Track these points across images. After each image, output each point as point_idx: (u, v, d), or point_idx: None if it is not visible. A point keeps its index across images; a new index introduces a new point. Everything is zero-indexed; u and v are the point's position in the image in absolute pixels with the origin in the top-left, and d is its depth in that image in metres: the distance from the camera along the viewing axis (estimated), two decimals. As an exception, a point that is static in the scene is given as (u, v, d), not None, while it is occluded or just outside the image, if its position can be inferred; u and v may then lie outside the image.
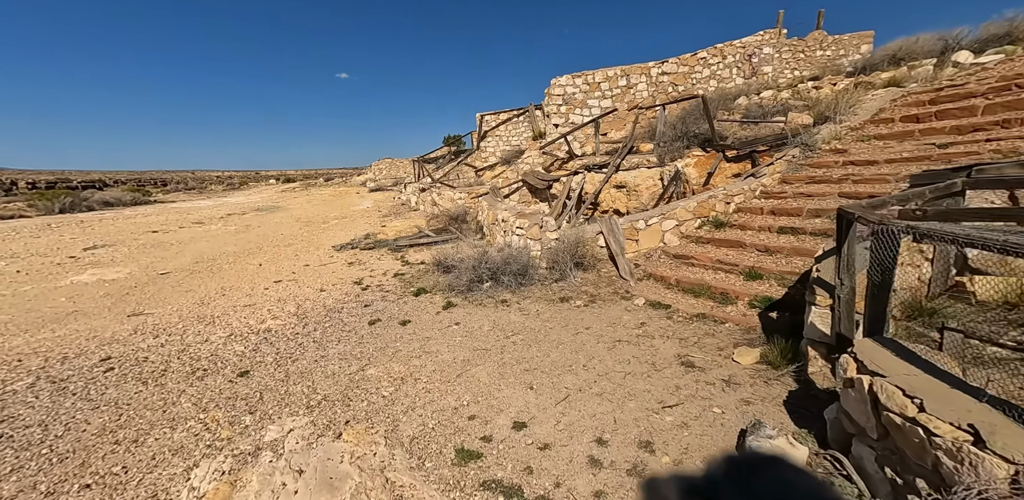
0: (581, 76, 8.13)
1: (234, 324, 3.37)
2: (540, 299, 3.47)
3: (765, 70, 7.82)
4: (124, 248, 6.90)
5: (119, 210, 14.02)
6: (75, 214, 12.84)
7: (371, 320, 3.27)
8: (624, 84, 8.13)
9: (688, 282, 3.20)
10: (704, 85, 8.07)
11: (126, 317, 3.70)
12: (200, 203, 16.21)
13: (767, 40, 7.51)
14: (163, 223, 9.83)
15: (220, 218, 10.74)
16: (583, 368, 2.36)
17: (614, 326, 2.87)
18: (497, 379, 2.30)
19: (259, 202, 15.18)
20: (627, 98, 8.31)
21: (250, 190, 24.49)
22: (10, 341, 3.16)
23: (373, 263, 5.56)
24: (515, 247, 4.03)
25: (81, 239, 7.76)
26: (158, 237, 7.98)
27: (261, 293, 4.34)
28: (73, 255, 6.34)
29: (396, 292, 4.03)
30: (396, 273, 4.81)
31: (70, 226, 9.64)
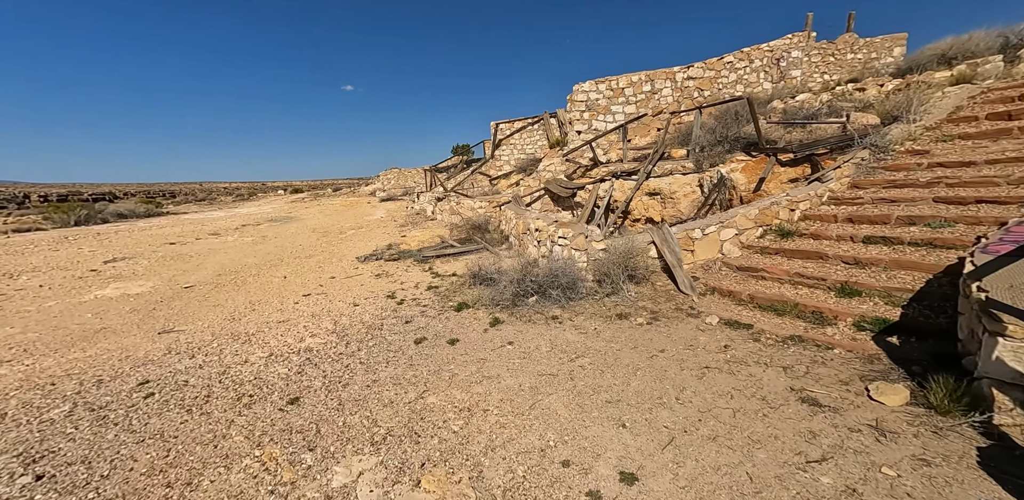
0: (604, 82, 8.14)
1: (272, 343, 3.22)
2: (594, 315, 3.28)
3: (793, 74, 7.76)
4: (144, 261, 6.87)
5: (133, 222, 14.21)
6: (90, 226, 13.02)
7: (416, 339, 3.10)
8: (648, 89, 8.12)
9: (765, 298, 2.98)
10: (730, 90, 8.02)
11: (156, 334, 3.58)
12: (212, 214, 16.40)
13: (795, 43, 7.48)
14: (179, 235, 9.86)
15: (235, 229, 10.78)
16: (677, 402, 2.13)
17: (692, 349, 2.65)
18: (578, 412, 2.08)
19: (271, 213, 15.30)
20: (651, 104, 8.28)
21: (259, 201, 24.84)
22: (41, 361, 3.03)
23: (401, 275, 5.43)
24: (559, 258, 3.87)
25: (100, 252, 7.77)
26: (176, 249, 7.97)
27: (292, 308, 4.21)
28: (94, 268, 6.31)
29: (435, 307, 3.86)
30: (429, 286, 4.66)
31: (87, 238, 9.71)
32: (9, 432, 2.14)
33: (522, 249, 5.87)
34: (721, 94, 8.14)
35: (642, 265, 3.50)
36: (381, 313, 3.81)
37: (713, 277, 3.42)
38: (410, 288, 4.70)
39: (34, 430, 2.15)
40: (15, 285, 5.36)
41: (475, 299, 3.76)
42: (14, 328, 3.78)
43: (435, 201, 11.68)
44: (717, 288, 3.25)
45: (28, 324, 3.88)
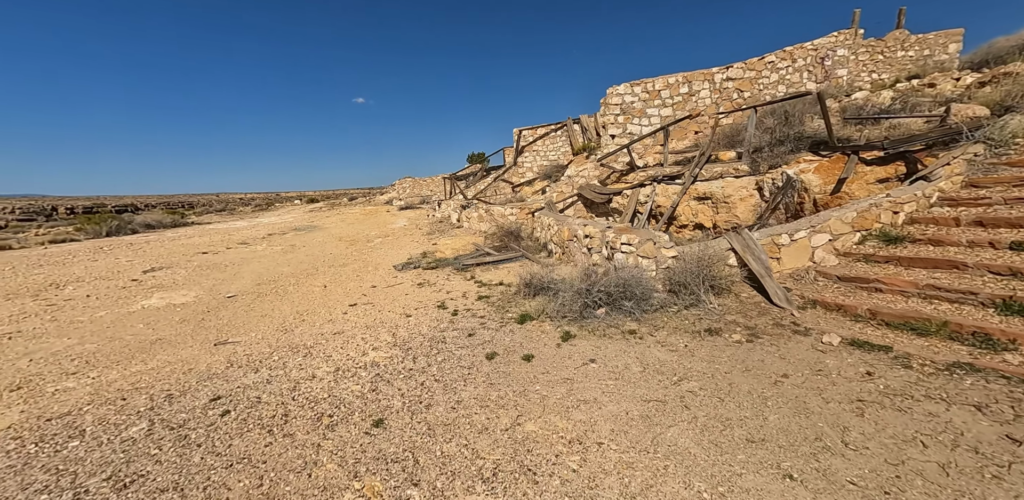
0: (640, 84, 8.12)
1: (334, 356, 3.14)
2: (677, 330, 3.08)
3: (839, 73, 7.59)
4: (181, 270, 6.99)
5: (161, 232, 14.69)
6: (121, 237, 13.51)
7: (487, 354, 2.96)
8: (686, 91, 8.05)
9: (893, 314, 2.66)
10: (772, 90, 7.88)
11: (213, 346, 3.54)
12: (235, 224, 16.86)
13: (841, 41, 7.34)
14: (209, 244, 10.09)
15: (262, 238, 10.99)
16: (846, 447, 1.78)
17: (824, 376, 2.37)
18: (715, 452, 1.83)
19: (293, 222, 15.63)
20: (688, 106, 8.19)
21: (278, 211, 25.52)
22: (105, 374, 3.01)
23: (444, 284, 5.35)
24: (623, 266, 3.71)
25: (136, 262, 7.97)
26: (210, 258, 8.12)
27: (342, 318, 4.14)
28: (135, 278, 6.44)
29: (494, 318, 3.74)
30: (479, 296, 4.54)
31: (121, 249, 10.04)
32: (92, 452, 2.07)
33: (567, 257, 5.73)
34: (762, 95, 8.00)
35: (721, 274, 3.30)
36: (438, 325, 3.70)
37: (809, 288, 3.17)
38: (458, 298, 4.60)
39: (117, 450, 2.08)
40: (63, 295, 5.49)
41: (537, 310, 3.61)
42: (71, 339, 3.82)
43: (460, 209, 11.70)
44: (819, 301, 2.99)
45: (84, 335, 3.91)
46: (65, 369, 3.13)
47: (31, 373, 3.06)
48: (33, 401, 2.63)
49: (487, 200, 14.33)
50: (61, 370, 3.11)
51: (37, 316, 4.55)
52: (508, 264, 6.37)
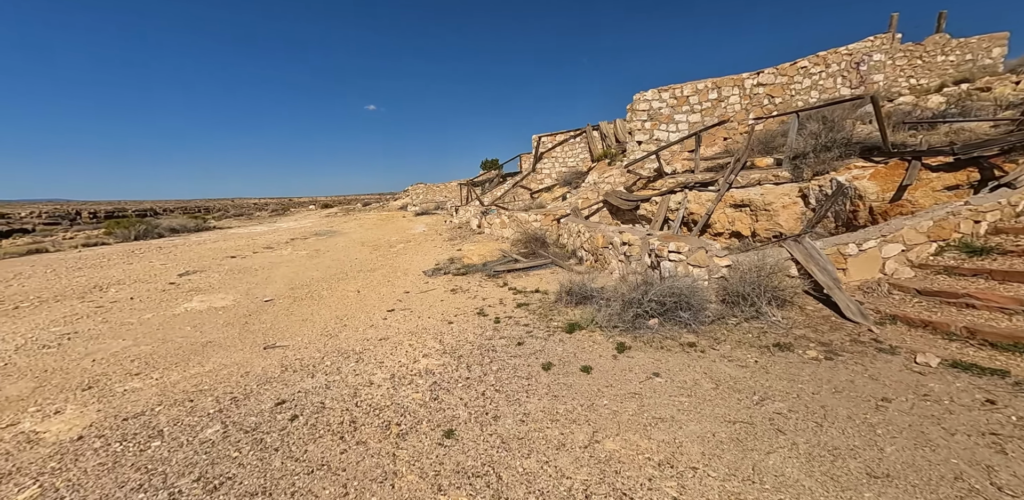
0: (668, 90, 8.17)
1: (386, 362, 3.19)
2: (742, 344, 3.01)
3: (875, 79, 7.51)
4: (215, 274, 7.22)
5: (186, 236, 15.21)
6: (148, 241, 14.03)
7: (543, 364, 2.96)
8: (715, 97, 8.07)
9: (998, 334, 2.51)
10: (804, 97, 7.84)
11: (262, 350, 3.64)
12: (255, 229, 17.36)
13: (878, 46, 7.28)
14: (236, 248, 10.41)
15: (286, 243, 11.28)
16: (999, 490, 1.62)
17: (934, 402, 2.22)
18: (835, 488, 1.68)
19: (312, 227, 16.02)
20: (717, 112, 8.20)
21: (294, 215, 26.18)
22: (167, 376, 3.12)
23: (478, 290, 5.40)
24: (672, 276, 3.69)
25: (170, 265, 8.27)
26: (239, 263, 8.37)
27: (383, 324, 4.22)
28: (172, 281, 6.68)
29: (539, 327, 3.75)
30: (518, 303, 4.57)
31: (152, 252, 10.43)
32: (175, 452, 2.15)
33: (600, 264, 5.73)
34: (793, 101, 7.96)
35: (781, 286, 3.23)
36: (483, 332, 3.73)
37: (884, 302, 3.06)
38: (496, 305, 4.64)
39: (198, 451, 2.15)
40: (108, 297, 5.73)
41: (585, 320, 3.61)
42: (125, 340, 3.98)
43: (481, 214, 11.83)
44: (900, 316, 2.87)
45: (137, 337, 4.07)
46: (128, 370, 3.26)
47: (97, 373, 3.20)
48: (106, 400, 2.74)
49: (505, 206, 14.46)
50: (124, 370, 3.24)
51: (89, 317, 4.76)
52: (538, 271, 6.40)
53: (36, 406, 2.69)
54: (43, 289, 6.31)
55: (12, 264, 9.28)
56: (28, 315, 4.91)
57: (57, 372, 3.22)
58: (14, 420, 2.51)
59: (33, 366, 3.34)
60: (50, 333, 4.17)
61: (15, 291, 6.21)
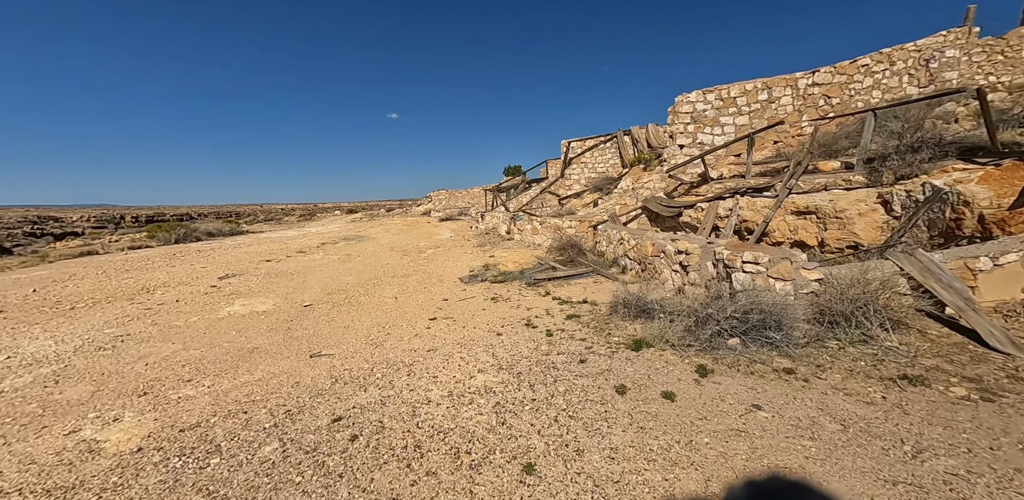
0: (713, 91, 7.87)
1: (440, 377, 3.00)
2: (855, 374, 2.58)
3: (947, 76, 6.94)
4: (253, 278, 7.36)
5: (221, 240, 15.89)
6: (187, 244, 14.73)
7: (616, 387, 2.67)
8: (765, 98, 7.69)
9: None
10: (865, 96, 7.34)
11: (308, 358, 3.55)
12: (285, 233, 17.96)
13: (951, 41, 6.74)
14: (270, 252, 10.69)
15: (317, 247, 11.51)
16: None
17: None
18: None
19: (339, 232, 16.40)
20: (767, 114, 7.80)
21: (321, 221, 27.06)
22: (218, 383, 3.06)
23: (519, 299, 5.19)
24: (747, 289, 3.36)
25: (210, 268, 8.54)
26: (274, 266, 8.54)
27: (427, 333, 4.06)
28: (213, 284, 6.83)
29: (598, 342, 3.47)
30: (568, 315, 4.31)
31: (191, 255, 10.87)
32: (235, 472, 2.02)
33: (649, 274, 5.41)
34: (853, 101, 7.46)
35: (891, 304, 2.81)
36: (537, 346, 3.50)
37: None
38: (543, 316, 4.41)
39: (259, 472, 2.01)
40: (155, 300, 5.89)
41: (652, 336, 3.31)
42: (175, 344, 4.00)
43: (510, 220, 11.71)
44: None
45: (185, 340, 4.09)
46: (180, 375, 3.23)
47: (151, 378, 3.18)
48: (162, 409, 2.69)
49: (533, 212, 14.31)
50: (176, 376, 3.21)
51: (139, 319, 4.87)
52: (579, 280, 6.13)
53: (95, 412, 2.66)
54: (95, 290, 6.60)
55: (67, 265, 9.87)
56: (83, 316, 5.08)
57: (113, 376, 3.22)
58: (76, 426, 2.48)
59: (91, 368, 3.37)
60: (104, 335, 4.26)
61: (71, 292, 6.52)
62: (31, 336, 4.19)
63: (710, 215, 6.77)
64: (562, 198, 14.92)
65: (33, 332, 4.36)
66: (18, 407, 2.70)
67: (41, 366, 3.38)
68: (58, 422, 2.54)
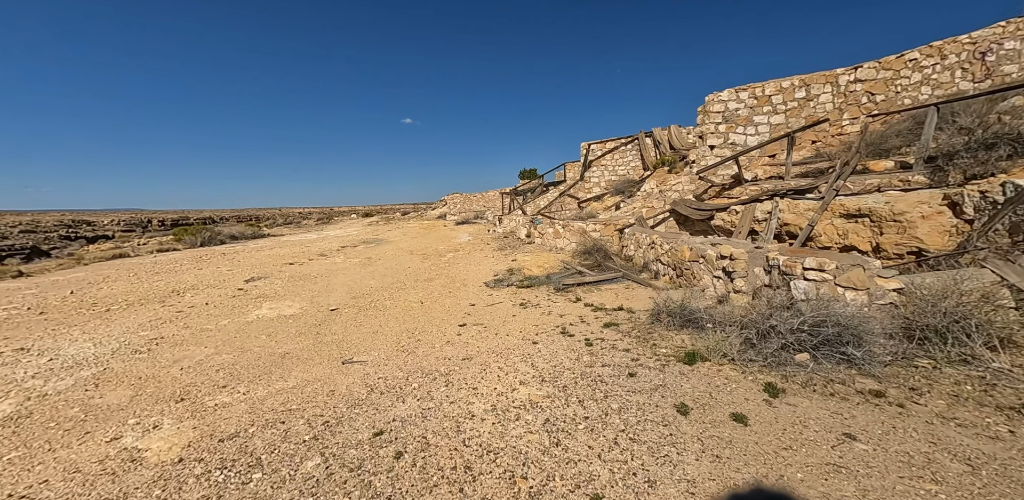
0: (747, 89, 7.60)
1: (480, 389, 2.86)
2: (964, 401, 2.26)
3: (1006, 70, 6.48)
4: (278, 281, 7.43)
5: (244, 243, 16.33)
6: (212, 247, 15.18)
7: (676, 406, 2.45)
8: (802, 96, 7.37)
9: None
10: (912, 93, 6.94)
11: (341, 364, 3.48)
12: (305, 236, 18.33)
13: (1011, 32, 6.32)
14: (292, 255, 10.85)
15: (337, 250, 11.64)
16: None
17: None
18: None
19: (357, 235, 16.61)
20: (804, 113, 7.47)
21: (338, 224, 27.58)
22: (253, 390, 3.01)
23: (549, 305, 5.03)
24: (809, 299, 3.11)
25: (236, 271, 8.70)
26: (298, 269, 8.64)
27: (458, 340, 3.95)
28: (240, 288, 6.93)
29: (643, 353, 3.26)
30: (605, 323, 4.12)
31: (217, 258, 11.15)
32: (279, 489, 1.93)
33: (685, 280, 5.16)
34: (899, 98, 7.07)
35: (991, 319, 2.47)
36: (578, 356, 3.32)
37: None
38: (578, 323, 4.23)
39: (304, 491, 1.91)
40: (186, 302, 5.99)
41: (705, 348, 3.08)
42: (207, 347, 4.00)
43: (530, 224, 11.58)
44: None
45: (217, 344, 4.09)
46: (215, 381, 3.19)
47: (187, 383, 3.16)
48: (199, 416, 2.64)
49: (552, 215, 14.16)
50: (211, 381, 3.18)
51: (171, 322, 4.93)
52: (609, 285, 5.93)
53: (135, 418, 2.63)
54: (128, 292, 6.78)
55: (101, 267, 10.26)
56: (118, 318, 5.19)
57: (150, 380, 3.22)
58: (117, 433, 2.45)
59: (128, 372, 3.38)
60: (139, 337, 4.31)
61: (105, 294, 6.72)
62: (71, 338, 4.28)
63: (746, 218, 6.47)
64: (581, 201, 14.71)
65: (72, 334, 4.46)
66: (61, 411, 2.71)
67: (81, 369, 3.41)
68: (100, 428, 2.52)
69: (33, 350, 3.84)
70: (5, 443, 2.35)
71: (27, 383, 3.10)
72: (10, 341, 4.16)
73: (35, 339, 4.24)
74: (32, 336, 4.36)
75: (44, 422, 2.58)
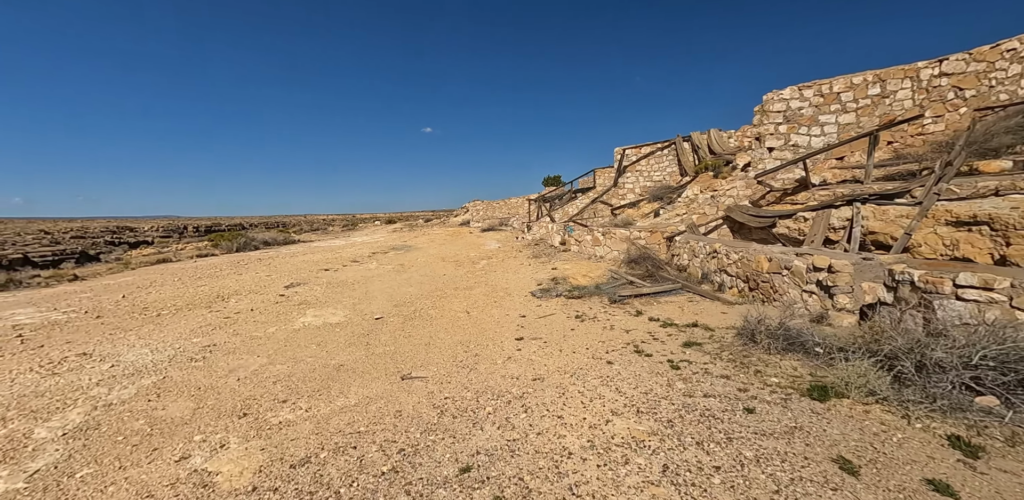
0: (811, 86, 7.14)
1: (566, 417, 2.56)
2: None
3: None
4: (316, 287, 7.46)
5: (276, 249, 16.86)
6: (247, 253, 15.73)
7: (834, 460, 2.00)
8: (876, 93, 6.83)
9: None
10: (1010, 87, 6.27)
11: (400, 380, 3.28)
12: (334, 242, 18.78)
13: None
14: (326, 261, 11.01)
15: (368, 257, 11.74)
16: None
17: None
18: None
19: (384, 241, 16.84)
20: (879, 111, 6.91)
21: (363, 230, 28.27)
22: (315, 407, 2.84)
23: (609, 319, 4.69)
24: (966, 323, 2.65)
25: (274, 277, 8.85)
26: (333, 276, 8.69)
27: (519, 356, 3.68)
28: (281, 294, 6.98)
29: (752, 383, 2.80)
30: (685, 342, 3.73)
31: (254, 263, 11.47)
32: (372, 534, 1.70)
33: (764, 294, 4.71)
34: (993, 93, 6.40)
35: None
36: (667, 382, 2.95)
37: None
38: (651, 341, 3.87)
39: (400, 538, 1.67)
40: (231, 308, 6.06)
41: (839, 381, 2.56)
42: (260, 357, 3.92)
43: (564, 231, 11.32)
44: None
45: (270, 354, 4.00)
46: (274, 394, 3.06)
47: (246, 396, 3.04)
48: (265, 435, 2.48)
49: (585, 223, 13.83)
50: (271, 395, 3.05)
51: (221, 329, 4.94)
52: (668, 297, 5.53)
53: (201, 434, 2.51)
54: (175, 297, 6.96)
55: (147, 272, 10.76)
56: (169, 323, 5.26)
57: (209, 392, 3.13)
58: (185, 451, 2.32)
59: (187, 382, 3.32)
60: (192, 344, 4.31)
61: (154, 298, 6.92)
62: (128, 343, 4.32)
63: (819, 226, 5.94)
64: (615, 208, 14.32)
65: (129, 339, 4.52)
66: (127, 423, 2.63)
67: (142, 377, 3.38)
68: (167, 444, 2.40)
69: (95, 355, 3.88)
70: (77, 457, 2.26)
71: (92, 391, 3.08)
72: (73, 345, 4.25)
73: (95, 343, 4.32)
74: (92, 340, 4.45)
75: (112, 435, 2.49)
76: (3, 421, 2.62)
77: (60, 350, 4.07)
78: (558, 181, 29.12)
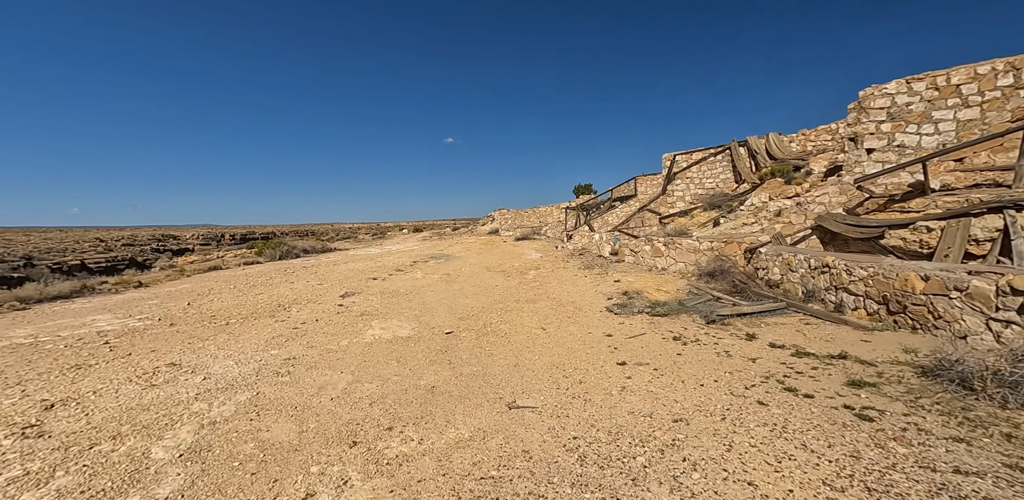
0: (924, 78, 6.48)
1: (762, 487, 2.12)
2: None
3: None
4: (372, 297, 7.41)
5: (316, 257, 17.38)
6: (289, 260, 16.29)
7: None
8: (1008, 83, 6.09)
9: None
10: None
11: (505, 409, 2.97)
12: (368, 250, 19.19)
13: None
14: (371, 270, 11.10)
15: (410, 265, 11.75)
16: None
17: None
18: None
19: (418, 250, 16.97)
20: (1011, 104, 6.14)
21: (393, 239, 28.89)
22: (427, 439, 2.57)
23: (717, 343, 4.21)
24: None
25: (325, 286, 8.94)
26: (383, 285, 8.66)
27: (632, 385, 3.28)
28: (340, 303, 6.96)
29: (1007, 451, 2.22)
30: (849, 381, 3.09)
31: (299, 271, 11.75)
32: None
33: (918, 320, 4.04)
34: None
35: None
36: (872, 440, 2.32)
37: None
38: (794, 376, 3.32)
39: None
40: (294, 318, 6.05)
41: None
42: (344, 373, 3.75)
43: (614, 241, 10.88)
44: None
45: (352, 370, 3.83)
46: (375, 419, 2.83)
47: (347, 420, 2.83)
48: (388, 473, 2.22)
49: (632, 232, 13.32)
50: (372, 419, 2.83)
51: (292, 340, 4.87)
52: (772, 318, 4.96)
53: (316, 465, 2.29)
54: (237, 306, 7.09)
55: (202, 279, 11.24)
56: (241, 333, 5.27)
57: (307, 412, 2.95)
58: (309, 488, 2.09)
59: (280, 399, 3.17)
60: (272, 357, 4.22)
61: (218, 306, 7.08)
62: (210, 354, 4.31)
63: (955, 237, 5.20)
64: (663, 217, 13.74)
65: (208, 349, 4.52)
66: (237, 446, 2.46)
67: (236, 392, 3.27)
68: (286, 475, 2.19)
69: (184, 367, 3.85)
70: (200, 486, 2.09)
71: (193, 406, 2.98)
72: (158, 354, 4.29)
73: (179, 353, 4.34)
74: (175, 350, 4.48)
75: (226, 459, 2.33)
76: (120, 437, 2.54)
77: (148, 359, 4.10)
78: (589, 189, 28.69)
